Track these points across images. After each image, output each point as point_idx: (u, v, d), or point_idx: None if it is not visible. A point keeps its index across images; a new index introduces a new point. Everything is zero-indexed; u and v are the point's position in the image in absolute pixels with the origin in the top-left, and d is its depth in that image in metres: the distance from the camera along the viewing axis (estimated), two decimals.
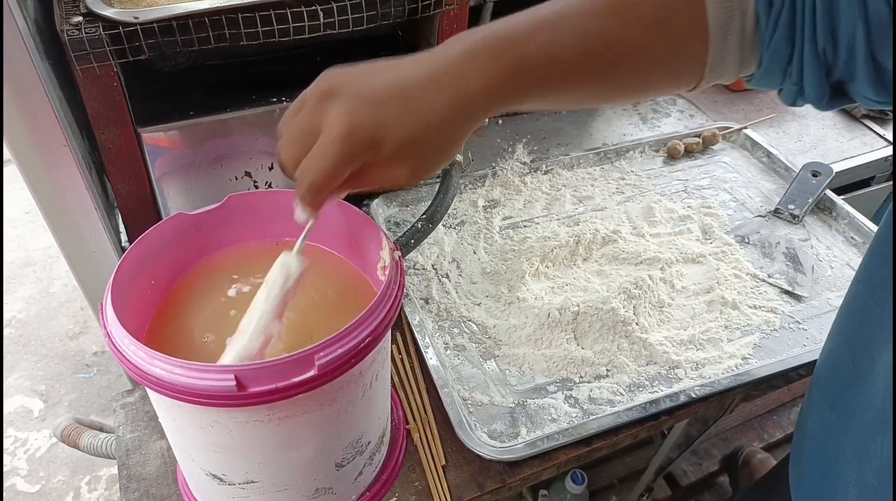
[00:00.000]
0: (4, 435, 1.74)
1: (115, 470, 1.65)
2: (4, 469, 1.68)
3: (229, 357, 0.50)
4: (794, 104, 0.48)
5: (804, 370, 0.79)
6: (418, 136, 0.44)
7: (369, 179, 0.47)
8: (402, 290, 0.54)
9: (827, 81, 0.45)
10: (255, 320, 0.51)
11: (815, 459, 0.59)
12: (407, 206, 0.95)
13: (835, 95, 0.46)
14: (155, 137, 0.75)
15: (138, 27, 0.65)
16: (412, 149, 0.45)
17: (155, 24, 0.66)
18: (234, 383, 0.45)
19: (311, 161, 0.45)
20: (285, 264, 0.53)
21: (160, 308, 0.58)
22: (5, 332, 1.98)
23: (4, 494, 1.62)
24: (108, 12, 0.65)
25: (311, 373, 0.46)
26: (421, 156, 0.46)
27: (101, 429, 0.81)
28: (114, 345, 0.48)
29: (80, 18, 0.65)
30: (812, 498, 0.60)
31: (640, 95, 0.54)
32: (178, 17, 0.66)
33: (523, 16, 0.45)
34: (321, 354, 0.46)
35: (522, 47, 0.43)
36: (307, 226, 0.53)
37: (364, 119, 0.43)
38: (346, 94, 0.44)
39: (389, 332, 0.55)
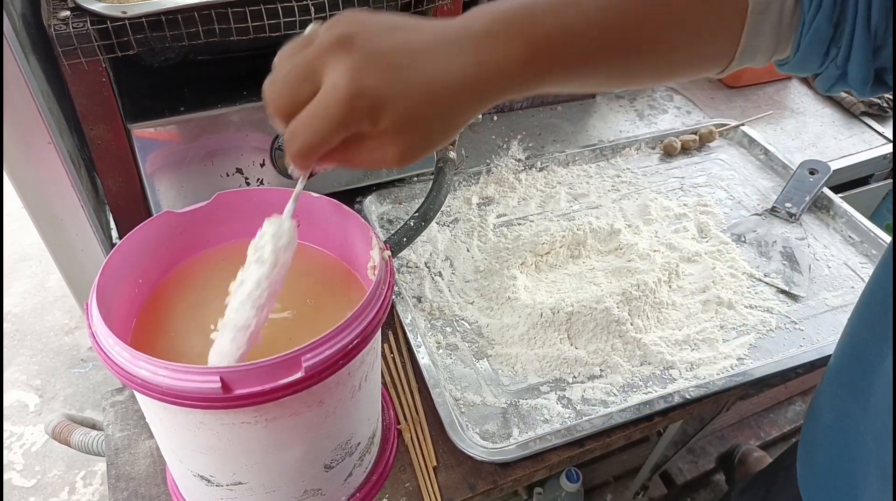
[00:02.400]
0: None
1: None
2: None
3: (211, 359, 0.48)
4: (830, 90, 0.47)
5: (802, 370, 0.78)
6: (421, 110, 0.40)
7: (357, 155, 0.43)
8: (392, 290, 0.53)
9: (873, 64, 0.43)
10: (236, 310, 0.47)
11: (831, 446, 0.60)
12: (400, 203, 0.94)
13: (875, 82, 0.44)
14: (145, 133, 0.74)
15: (127, 22, 0.64)
16: (411, 126, 0.41)
17: (144, 19, 0.64)
18: (219, 385, 0.44)
19: (306, 121, 0.41)
20: (276, 230, 0.48)
21: (147, 307, 0.58)
22: None
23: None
24: (96, 7, 0.64)
25: (299, 375, 0.46)
26: (418, 135, 0.41)
27: (93, 426, 0.81)
28: (99, 345, 0.47)
29: (68, 13, 0.63)
30: (827, 485, 0.61)
31: (665, 77, 0.48)
32: (167, 12, 0.65)
33: None
34: (308, 355, 0.46)
35: (544, 23, 0.40)
36: (297, 187, 0.49)
37: (370, 82, 0.39)
38: (358, 48, 0.39)
39: (379, 332, 0.54)
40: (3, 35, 0.53)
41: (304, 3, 0.69)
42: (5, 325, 1.97)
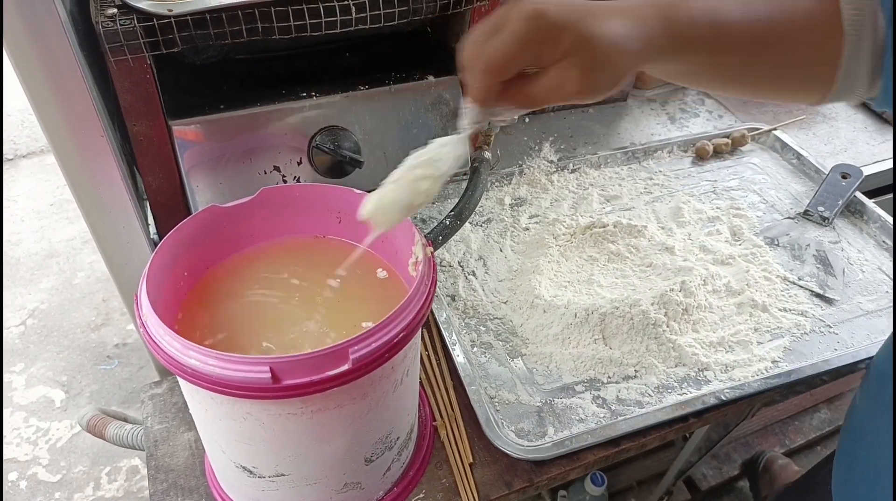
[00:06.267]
0: (27, 425, 1.77)
1: (135, 462, 1.68)
2: (26, 458, 1.70)
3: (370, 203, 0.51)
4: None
5: (827, 376, 0.77)
6: (595, 38, 0.44)
7: (539, 85, 0.46)
8: (435, 285, 0.53)
9: None
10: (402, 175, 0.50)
11: (868, 459, 0.61)
12: (433, 203, 0.95)
13: None
14: (185, 130, 0.75)
15: (172, 20, 0.65)
16: (587, 47, 0.44)
17: (188, 17, 0.66)
18: (269, 375, 0.45)
19: (490, 42, 0.44)
20: (454, 143, 0.51)
21: (191, 300, 0.59)
22: (28, 323, 2.00)
23: (26, 483, 1.64)
24: (143, 4, 0.65)
25: (346, 367, 0.46)
26: (593, 60, 0.44)
27: (124, 420, 0.82)
28: (149, 335, 0.48)
29: (115, 10, 0.65)
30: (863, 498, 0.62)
31: (769, 89, 0.54)
32: (211, 11, 0.66)
33: None
34: (355, 348, 0.46)
35: (692, 5, 0.47)
36: (478, 122, 0.49)
37: (552, 8, 0.44)
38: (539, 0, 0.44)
39: (421, 328, 0.55)
40: (59, 23, 0.54)
41: (346, 3, 0.70)
42: (32, 321, 2.00)
